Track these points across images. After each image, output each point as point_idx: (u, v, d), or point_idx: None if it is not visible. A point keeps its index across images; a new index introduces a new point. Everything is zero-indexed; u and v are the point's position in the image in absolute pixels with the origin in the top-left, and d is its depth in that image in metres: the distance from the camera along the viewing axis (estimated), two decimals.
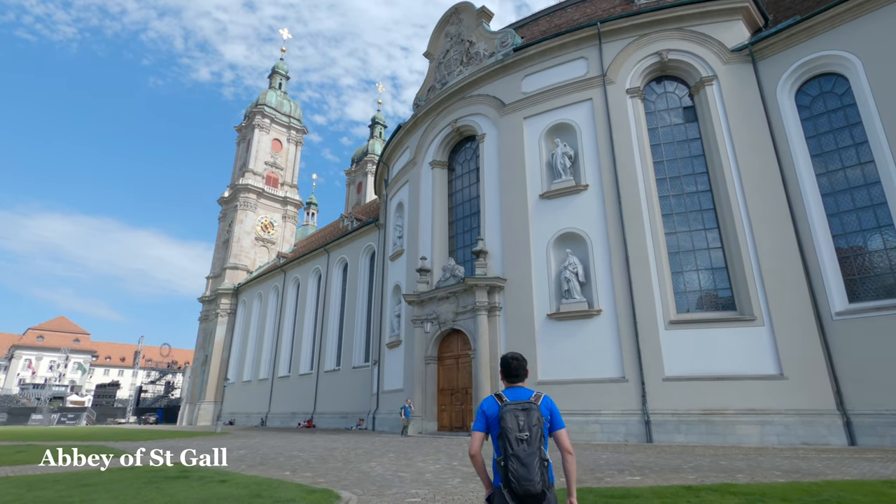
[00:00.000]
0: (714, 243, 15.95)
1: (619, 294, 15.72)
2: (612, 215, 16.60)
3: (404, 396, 20.92)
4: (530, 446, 2.51)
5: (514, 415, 2.58)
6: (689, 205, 16.59)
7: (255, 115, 55.76)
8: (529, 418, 2.57)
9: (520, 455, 2.48)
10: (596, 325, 15.88)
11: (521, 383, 2.84)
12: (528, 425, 2.55)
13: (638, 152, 16.99)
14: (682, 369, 14.39)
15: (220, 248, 53.63)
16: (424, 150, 23.58)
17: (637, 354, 14.89)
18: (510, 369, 2.84)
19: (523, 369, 2.85)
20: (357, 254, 33.50)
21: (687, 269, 15.93)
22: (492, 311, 17.85)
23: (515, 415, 2.58)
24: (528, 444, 2.51)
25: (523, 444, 2.50)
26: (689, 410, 13.90)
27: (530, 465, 2.46)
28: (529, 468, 2.46)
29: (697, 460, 9.73)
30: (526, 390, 2.77)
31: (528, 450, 2.50)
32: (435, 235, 21.69)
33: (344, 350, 32.29)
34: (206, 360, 48.44)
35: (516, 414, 2.58)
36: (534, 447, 2.51)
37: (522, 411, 2.59)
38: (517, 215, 18.46)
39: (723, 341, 14.33)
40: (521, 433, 2.52)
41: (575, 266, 16.65)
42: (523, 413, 2.58)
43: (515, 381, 2.83)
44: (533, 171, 18.73)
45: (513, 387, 2.82)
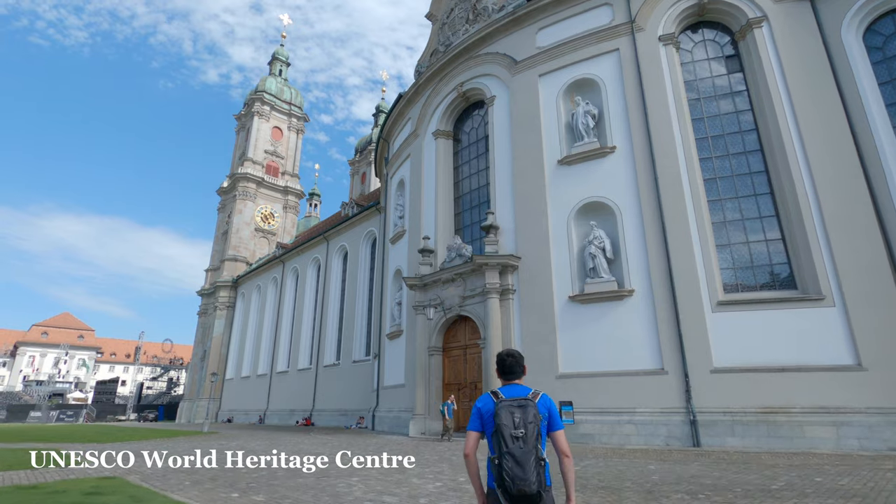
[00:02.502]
0: (767, 210, 13.50)
1: (656, 271, 13.34)
2: (644, 181, 14.20)
3: (406, 392, 18.70)
4: (526, 444, 2.37)
5: (510, 411, 2.46)
6: (735, 167, 14.14)
7: (254, 101, 53.75)
8: (525, 415, 2.45)
9: (514, 453, 2.36)
10: (627, 307, 13.52)
11: (519, 381, 2.73)
12: (524, 422, 2.42)
13: (674, 108, 14.55)
14: (734, 359, 12.00)
15: (220, 239, 51.77)
16: (427, 120, 21.26)
17: (678, 341, 12.52)
18: (505, 366, 2.74)
19: (519, 366, 2.74)
20: (357, 241, 31.32)
21: (735, 241, 13.50)
22: (504, 293, 15.54)
23: (511, 411, 2.46)
24: (524, 442, 2.38)
25: (518, 441, 2.38)
26: (745, 408, 11.51)
27: (525, 463, 2.33)
28: (524, 467, 2.32)
29: (779, 473, 7.40)
30: (523, 388, 2.65)
31: (524, 448, 2.36)
32: (439, 213, 19.40)
33: (344, 343, 30.18)
34: (204, 355, 46.66)
35: (512, 410, 2.46)
36: (529, 445, 2.37)
37: (518, 408, 2.47)
38: (532, 185, 16.10)
39: (783, 325, 11.92)
40: (517, 430, 2.40)
41: (601, 240, 14.29)
42: (519, 409, 2.46)
43: (512, 379, 2.72)
44: (550, 134, 16.35)
45: (509, 384, 2.71)
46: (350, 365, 28.99)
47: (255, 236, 50.13)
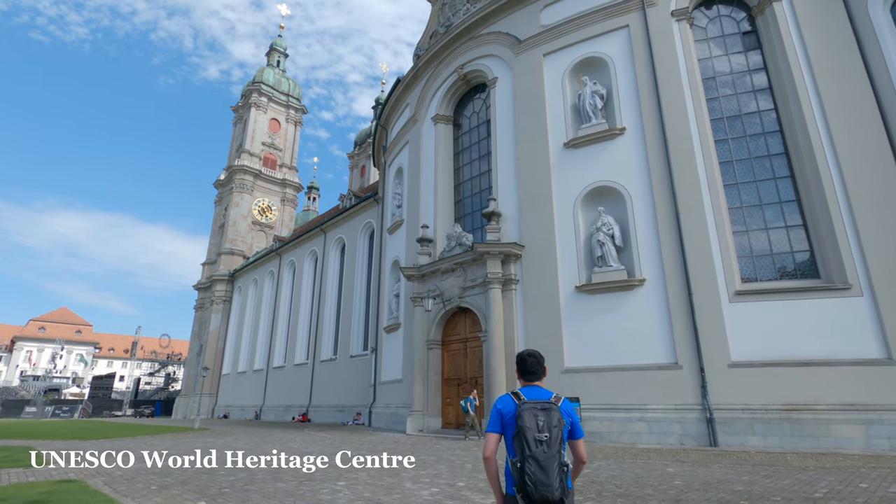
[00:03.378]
0: (787, 195, 12.67)
1: (668, 259, 12.52)
2: (656, 164, 13.36)
3: (404, 387, 17.94)
4: (550, 448, 2.27)
5: (533, 413, 2.34)
6: (753, 149, 13.30)
7: (251, 93, 52.82)
8: (550, 419, 2.33)
9: (538, 457, 2.25)
10: (638, 298, 12.71)
11: (539, 382, 2.60)
12: (549, 426, 2.31)
13: (688, 87, 13.70)
14: (754, 352, 11.20)
15: (216, 233, 50.94)
16: (426, 105, 20.40)
17: (693, 334, 11.71)
18: (527, 367, 2.61)
19: (541, 367, 2.62)
20: (355, 233, 30.50)
21: (753, 227, 12.68)
22: (507, 284, 14.74)
23: (534, 414, 2.34)
24: (548, 447, 2.27)
25: (542, 445, 2.27)
26: (767, 405, 10.71)
27: (549, 468, 2.22)
28: (548, 472, 2.22)
29: (814, 478, 6.61)
30: (545, 390, 2.54)
31: (548, 452, 2.26)
32: (438, 201, 18.56)
33: (341, 338, 29.41)
34: (200, 350, 45.94)
35: (535, 413, 2.35)
36: (553, 450, 2.27)
37: (542, 411, 2.36)
38: (537, 169, 15.26)
39: (806, 316, 11.11)
40: (541, 434, 2.30)
41: (610, 227, 13.47)
42: (543, 413, 2.35)
43: (532, 380, 2.60)
44: (555, 116, 15.50)
45: (530, 385, 2.59)
46: (347, 360, 28.24)
47: (253, 230, 49.33)
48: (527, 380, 2.61)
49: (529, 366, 2.59)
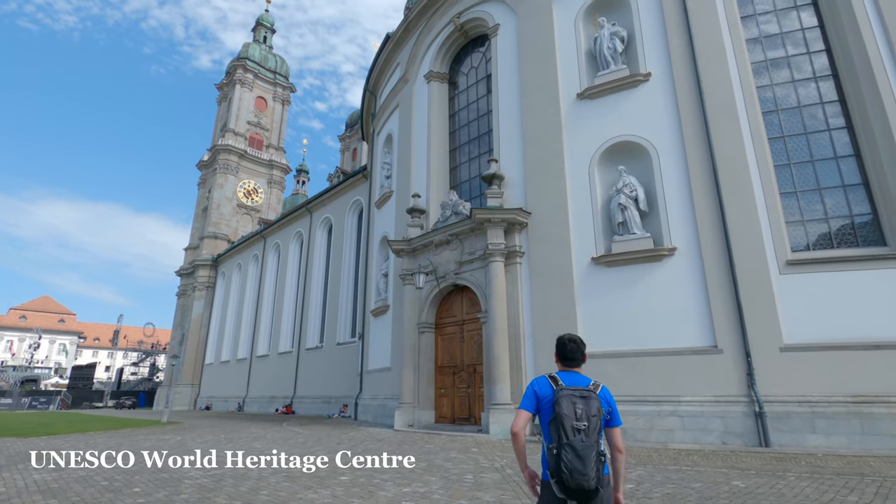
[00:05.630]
0: (844, 149, 10.70)
1: (704, 224, 10.55)
2: (689, 114, 11.34)
3: (392, 376, 15.97)
4: (588, 438, 2.19)
5: (572, 401, 2.25)
6: (802, 97, 11.29)
7: (236, 69, 50.13)
8: (588, 407, 2.24)
9: (575, 446, 2.17)
10: (668, 270, 10.75)
11: (578, 369, 2.51)
12: (587, 414, 2.23)
13: (726, 24, 11.65)
14: (811, 333, 9.28)
15: (200, 216, 48.53)
16: (419, 62, 18.21)
17: (736, 311, 9.78)
18: (567, 352, 2.52)
19: (581, 353, 2.53)
20: (343, 212, 28.36)
21: (803, 187, 10.71)
22: (510, 256, 12.73)
23: (573, 401, 2.25)
24: (587, 436, 2.19)
25: (580, 434, 2.19)
26: (830, 396, 8.82)
27: (586, 458, 2.14)
28: (585, 461, 2.14)
29: None
30: (583, 377, 2.44)
31: (586, 441, 2.18)
32: (432, 167, 16.46)
33: (328, 324, 27.38)
34: (183, 339, 43.81)
35: (573, 400, 2.26)
36: (592, 439, 2.19)
37: (581, 398, 2.26)
38: (546, 125, 13.20)
39: (873, 290, 9.19)
40: (579, 422, 2.21)
41: (632, 188, 11.47)
42: (582, 400, 2.25)
43: (572, 366, 2.51)
44: (567, 64, 13.41)
45: (568, 371, 2.49)
46: (334, 348, 26.24)
47: (238, 212, 46.99)
48: (566, 365, 2.50)
49: (570, 351, 2.50)
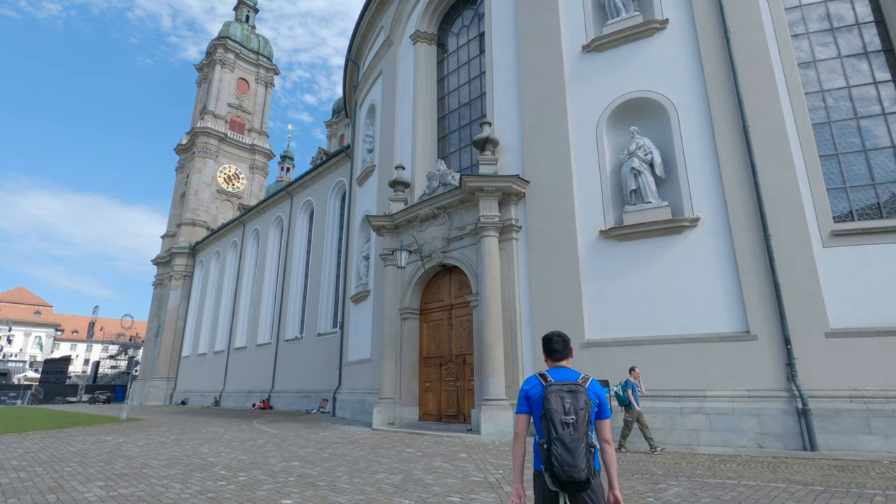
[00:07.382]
0: (892, 105, 9.25)
1: (733, 191, 9.05)
2: (713, 64, 9.80)
3: (372, 368, 14.37)
4: (576, 431, 2.19)
5: (559, 396, 2.27)
6: (843, 46, 9.80)
7: (216, 48, 47.83)
8: (576, 401, 2.24)
9: (564, 439, 2.17)
10: (689, 243, 9.25)
11: (566, 363, 2.49)
12: (575, 408, 2.23)
13: None
14: (863, 316, 7.84)
15: (177, 203, 46.33)
16: (404, 22, 16.48)
17: (773, 291, 8.31)
18: (553, 347, 2.50)
19: (567, 348, 2.51)
20: (325, 194, 26.58)
21: (845, 148, 9.24)
22: (505, 231, 11.15)
23: (560, 396, 2.27)
24: (574, 429, 2.19)
25: (569, 427, 2.20)
26: (888, 391, 7.39)
27: (575, 450, 2.15)
28: (574, 454, 2.14)
29: None
30: (572, 371, 2.43)
31: (574, 434, 2.18)
32: (418, 136, 14.79)
33: (308, 314, 25.68)
34: (158, 330, 41.77)
35: (561, 395, 2.27)
36: (580, 432, 2.19)
37: (569, 393, 2.27)
38: (546, 82, 11.59)
39: None
40: (567, 416, 2.22)
41: (647, 151, 9.93)
42: (569, 395, 2.27)
43: (559, 361, 2.49)
44: (572, 13, 11.79)
45: (557, 367, 2.48)
46: (314, 339, 24.55)
47: (218, 199, 44.87)
48: (553, 360, 2.50)
49: (555, 345, 2.49)
